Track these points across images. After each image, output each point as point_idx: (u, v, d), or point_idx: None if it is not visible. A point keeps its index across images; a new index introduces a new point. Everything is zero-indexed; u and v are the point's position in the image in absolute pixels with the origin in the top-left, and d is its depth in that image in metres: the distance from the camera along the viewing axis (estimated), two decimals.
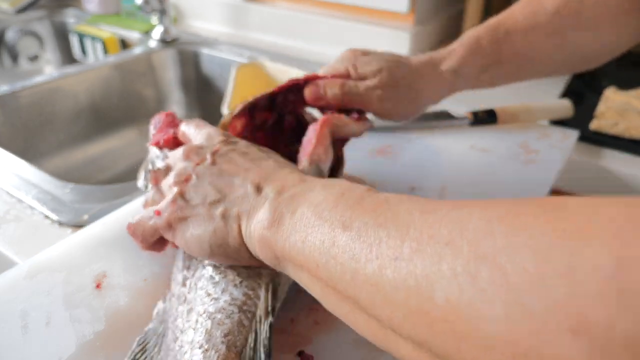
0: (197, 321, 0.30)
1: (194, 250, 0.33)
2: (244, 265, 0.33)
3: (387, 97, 0.46)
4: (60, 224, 0.51)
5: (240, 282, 0.32)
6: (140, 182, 0.43)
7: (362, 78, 0.46)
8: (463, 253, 0.19)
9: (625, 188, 0.66)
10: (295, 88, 0.46)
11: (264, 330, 0.30)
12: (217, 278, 0.32)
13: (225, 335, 0.29)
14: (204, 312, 0.31)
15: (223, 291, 0.31)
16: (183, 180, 0.33)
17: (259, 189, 0.31)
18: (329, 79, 0.46)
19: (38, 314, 0.36)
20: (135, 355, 0.32)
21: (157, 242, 0.36)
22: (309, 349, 0.34)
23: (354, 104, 0.45)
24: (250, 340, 0.29)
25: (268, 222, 0.29)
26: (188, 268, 0.35)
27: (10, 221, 0.51)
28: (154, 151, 0.43)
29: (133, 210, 0.48)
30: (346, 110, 0.46)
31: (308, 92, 0.45)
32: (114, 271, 0.40)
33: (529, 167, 0.56)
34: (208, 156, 0.34)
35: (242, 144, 0.36)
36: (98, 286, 0.39)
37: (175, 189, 0.33)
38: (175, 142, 0.42)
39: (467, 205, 0.21)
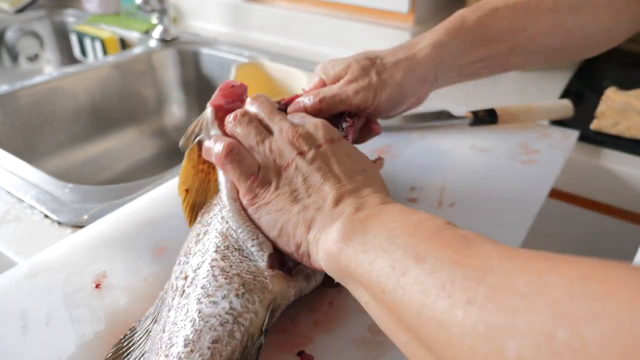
0: (190, 318, 0.30)
1: (263, 226, 0.34)
2: (296, 260, 0.34)
3: (363, 88, 0.45)
4: (60, 224, 0.51)
5: (243, 294, 0.31)
6: (182, 141, 0.42)
7: (336, 80, 0.47)
8: (540, 310, 0.18)
9: (626, 188, 0.66)
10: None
11: (254, 348, 0.29)
12: (220, 281, 0.32)
13: (214, 342, 0.29)
14: (200, 312, 0.30)
15: (224, 297, 0.31)
16: (283, 166, 0.35)
17: (337, 203, 0.32)
18: (305, 93, 0.46)
19: (38, 314, 0.36)
20: (121, 340, 0.33)
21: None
22: (309, 349, 0.34)
23: (336, 105, 0.45)
24: (237, 354, 0.29)
25: (338, 237, 0.29)
26: (191, 265, 0.35)
27: (10, 221, 0.51)
28: (208, 116, 0.41)
29: (133, 210, 0.48)
30: (338, 117, 0.46)
31: (290, 110, 0.45)
32: (113, 271, 0.40)
33: (529, 167, 0.56)
34: (312, 151, 0.35)
35: (344, 146, 0.37)
36: (98, 286, 0.39)
37: (272, 165, 0.35)
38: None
39: (549, 258, 0.21)
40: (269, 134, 0.37)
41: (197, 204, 0.41)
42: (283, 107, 0.45)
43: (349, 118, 0.45)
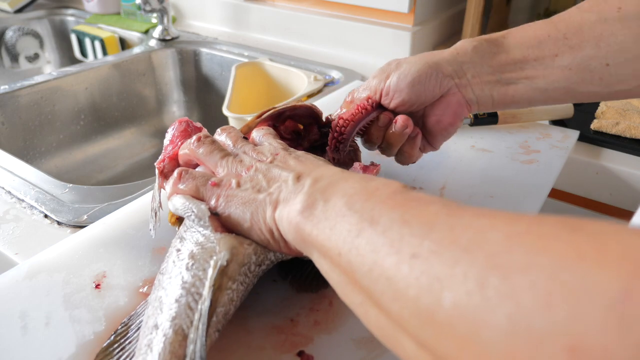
0: (156, 307, 0.31)
1: (234, 224, 0.35)
2: (274, 250, 0.35)
3: (376, 75, 0.47)
4: (60, 224, 0.51)
5: (192, 265, 0.32)
6: (151, 226, 0.42)
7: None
8: (478, 261, 0.20)
9: (626, 188, 0.66)
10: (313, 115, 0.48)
11: (204, 306, 0.30)
12: (176, 263, 0.33)
13: (173, 319, 0.29)
14: (161, 298, 0.32)
15: (177, 275, 0.32)
16: (244, 169, 0.37)
17: (298, 179, 0.33)
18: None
19: (37, 314, 0.36)
20: (115, 336, 0.34)
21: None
22: (309, 349, 0.34)
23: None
24: (195, 320, 0.29)
25: (301, 207, 0.30)
26: (166, 259, 0.36)
27: (10, 221, 0.51)
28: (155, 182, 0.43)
29: (133, 210, 0.48)
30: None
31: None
32: (113, 271, 0.40)
33: (529, 167, 0.56)
34: (270, 157, 0.37)
35: (300, 153, 0.38)
36: (97, 286, 0.39)
37: (234, 171, 0.37)
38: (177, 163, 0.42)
39: (492, 215, 0.22)
40: (230, 154, 0.39)
41: None
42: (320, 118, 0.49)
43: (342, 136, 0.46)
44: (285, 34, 1.08)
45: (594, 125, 0.70)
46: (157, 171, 0.42)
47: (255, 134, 0.43)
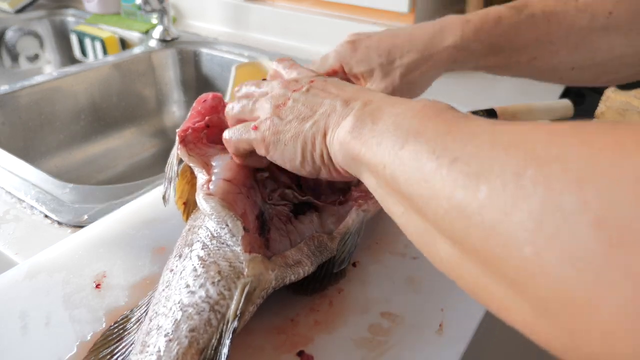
0: (170, 309, 0.31)
1: (286, 161, 0.35)
2: (329, 179, 0.34)
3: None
4: (60, 224, 0.51)
5: (219, 281, 0.32)
6: (163, 191, 0.41)
7: (356, 78, 0.47)
8: (518, 156, 0.20)
9: None
10: None
11: (227, 332, 0.30)
12: (199, 271, 0.33)
13: (191, 331, 0.29)
14: (179, 302, 0.31)
15: (201, 286, 0.32)
16: (281, 104, 0.36)
17: (347, 103, 0.33)
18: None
19: (38, 314, 0.36)
20: (112, 327, 0.34)
21: (249, 156, 0.38)
22: (309, 349, 0.34)
23: None
24: (214, 340, 0.29)
25: (350, 127, 0.30)
26: (180, 256, 0.35)
27: (10, 221, 0.51)
28: (175, 148, 0.42)
29: (133, 210, 0.48)
30: None
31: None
32: (113, 271, 0.40)
33: None
34: (305, 85, 0.36)
35: (336, 79, 0.37)
36: (98, 286, 0.39)
37: (271, 108, 0.36)
38: (204, 133, 0.42)
39: (539, 125, 0.22)
40: (262, 95, 0.38)
41: None
42: None
43: None
44: (285, 34, 1.08)
45: None
46: (177, 138, 0.41)
47: (281, 68, 0.42)
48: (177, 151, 0.41)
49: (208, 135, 0.43)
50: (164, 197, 0.41)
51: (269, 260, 0.34)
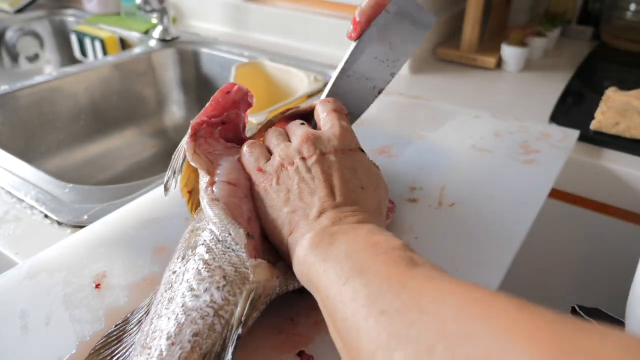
0: (173, 312, 0.31)
1: (261, 214, 0.37)
2: (286, 259, 0.35)
3: None
4: (60, 224, 0.51)
5: (224, 286, 0.31)
6: (165, 180, 0.40)
7: None
8: (431, 325, 0.21)
9: (626, 188, 0.66)
10: None
11: (231, 339, 0.29)
12: (203, 274, 0.32)
13: (194, 335, 0.29)
14: (182, 306, 0.31)
15: (205, 290, 0.31)
16: (285, 165, 0.37)
17: (319, 215, 0.34)
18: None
19: (38, 314, 0.36)
20: (113, 329, 0.33)
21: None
22: (309, 349, 0.34)
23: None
24: (217, 346, 0.29)
25: (307, 244, 0.32)
26: (182, 258, 0.35)
27: (10, 221, 0.51)
28: (185, 138, 0.41)
29: (133, 210, 0.48)
30: None
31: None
32: (113, 271, 0.40)
33: (529, 167, 0.56)
34: (315, 156, 0.37)
35: (354, 159, 0.38)
36: (98, 286, 0.39)
37: (277, 165, 0.37)
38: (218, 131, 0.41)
39: (461, 285, 0.23)
40: (286, 140, 0.40)
41: None
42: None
43: None
44: (285, 34, 1.08)
45: (594, 125, 0.70)
46: (189, 130, 0.40)
47: (319, 110, 0.42)
48: (184, 142, 0.40)
49: (222, 131, 0.42)
50: (165, 186, 0.40)
51: (274, 267, 0.34)
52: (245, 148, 0.40)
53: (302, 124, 0.41)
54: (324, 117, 0.41)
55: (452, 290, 0.23)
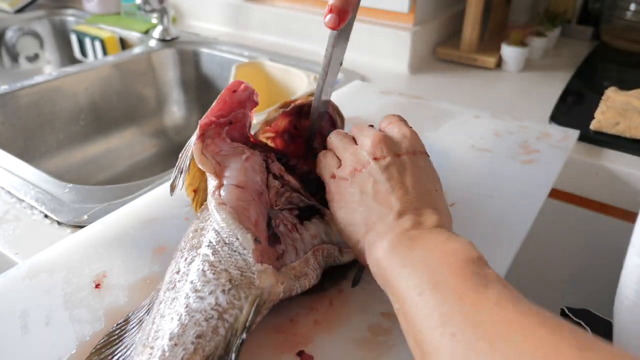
0: (177, 312, 0.31)
1: (335, 217, 0.38)
2: (358, 257, 0.37)
3: None
4: (60, 224, 0.51)
5: (229, 290, 0.31)
6: (172, 179, 0.40)
7: None
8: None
9: (626, 188, 0.66)
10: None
11: (236, 344, 0.29)
12: (209, 276, 0.32)
13: (198, 337, 0.29)
14: (186, 307, 0.31)
15: (210, 293, 0.31)
16: (358, 168, 0.38)
17: (399, 216, 0.35)
18: None
19: (38, 313, 0.36)
20: (114, 328, 0.33)
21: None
22: (309, 349, 0.34)
23: None
24: (220, 349, 0.29)
25: (387, 247, 0.33)
26: (186, 258, 0.35)
27: (10, 221, 0.51)
28: (192, 138, 0.40)
29: (133, 210, 0.48)
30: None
31: None
32: (113, 271, 0.40)
33: (529, 167, 0.56)
34: (388, 157, 0.37)
35: (425, 161, 0.39)
36: (97, 286, 0.39)
37: (350, 168, 0.38)
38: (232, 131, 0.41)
39: (535, 323, 0.25)
40: (353, 143, 0.40)
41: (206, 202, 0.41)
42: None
43: None
44: (285, 34, 1.08)
45: (594, 125, 0.70)
46: (197, 130, 0.39)
47: (385, 124, 0.42)
48: (192, 142, 0.40)
49: (228, 130, 0.41)
50: (171, 186, 0.40)
51: (279, 273, 0.34)
52: (318, 159, 0.42)
53: (371, 126, 0.42)
54: (388, 124, 0.42)
55: (520, 328, 0.24)
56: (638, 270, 0.38)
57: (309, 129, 0.46)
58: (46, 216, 0.52)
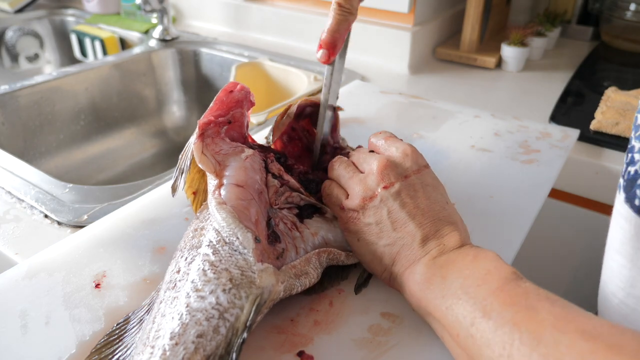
0: (178, 311, 0.31)
1: (353, 248, 0.38)
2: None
3: None
4: (60, 224, 0.51)
5: (230, 289, 0.31)
6: (173, 182, 0.40)
7: None
8: None
9: None
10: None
11: (237, 343, 0.29)
12: (209, 275, 0.32)
13: (199, 336, 0.29)
14: (187, 306, 0.31)
15: (211, 292, 0.31)
16: (368, 197, 0.37)
17: (424, 242, 0.35)
18: None
19: (37, 313, 0.36)
20: (114, 328, 0.33)
21: None
22: (309, 349, 0.34)
23: None
24: (221, 349, 0.29)
25: (421, 279, 0.33)
26: (186, 258, 0.35)
27: (10, 221, 0.51)
28: (192, 140, 0.40)
29: (133, 210, 0.48)
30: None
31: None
32: (113, 271, 0.40)
33: (529, 167, 0.56)
34: (397, 184, 0.37)
35: (430, 175, 0.39)
36: (97, 286, 0.39)
37: (359, 198, 0.37)
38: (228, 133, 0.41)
39: (594, 337, 0.25)
40: (358, 172, 0.40)
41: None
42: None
43: None
44: (285, 34, 1.08)
45: (594, 125, 0.70)
46: (197, 130, 0.39)
47: (381, 141, 0.41)
48: (192, 141, 0.40)
49: (227, 130, 0.42)
50: (173, 187, 0.40)
51: (279, 272, 0.34)
52: (324, 191, 0.41)
53: (371, 151, 0.41)
54: (383, 143, 0.41)
55: (589, 350, 0.24)
56: (624, 270, 0.37)
57: (316, 140, 0.47)
58: (46, 216, 0.52)
